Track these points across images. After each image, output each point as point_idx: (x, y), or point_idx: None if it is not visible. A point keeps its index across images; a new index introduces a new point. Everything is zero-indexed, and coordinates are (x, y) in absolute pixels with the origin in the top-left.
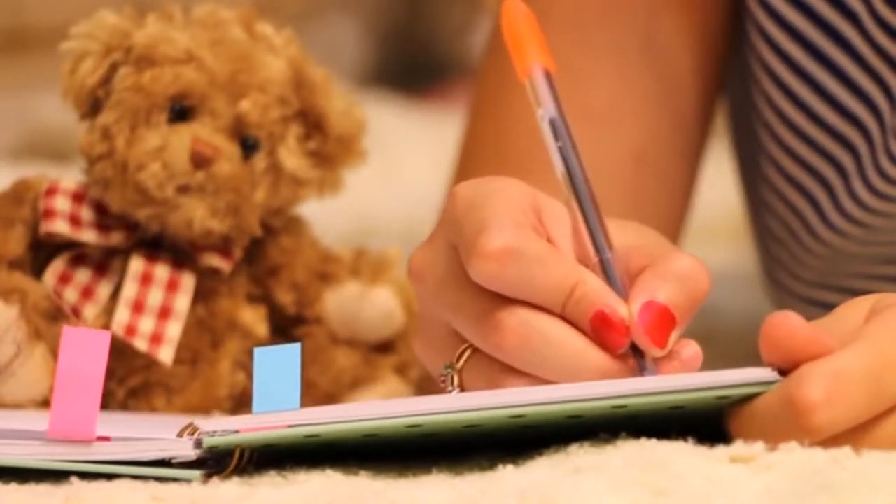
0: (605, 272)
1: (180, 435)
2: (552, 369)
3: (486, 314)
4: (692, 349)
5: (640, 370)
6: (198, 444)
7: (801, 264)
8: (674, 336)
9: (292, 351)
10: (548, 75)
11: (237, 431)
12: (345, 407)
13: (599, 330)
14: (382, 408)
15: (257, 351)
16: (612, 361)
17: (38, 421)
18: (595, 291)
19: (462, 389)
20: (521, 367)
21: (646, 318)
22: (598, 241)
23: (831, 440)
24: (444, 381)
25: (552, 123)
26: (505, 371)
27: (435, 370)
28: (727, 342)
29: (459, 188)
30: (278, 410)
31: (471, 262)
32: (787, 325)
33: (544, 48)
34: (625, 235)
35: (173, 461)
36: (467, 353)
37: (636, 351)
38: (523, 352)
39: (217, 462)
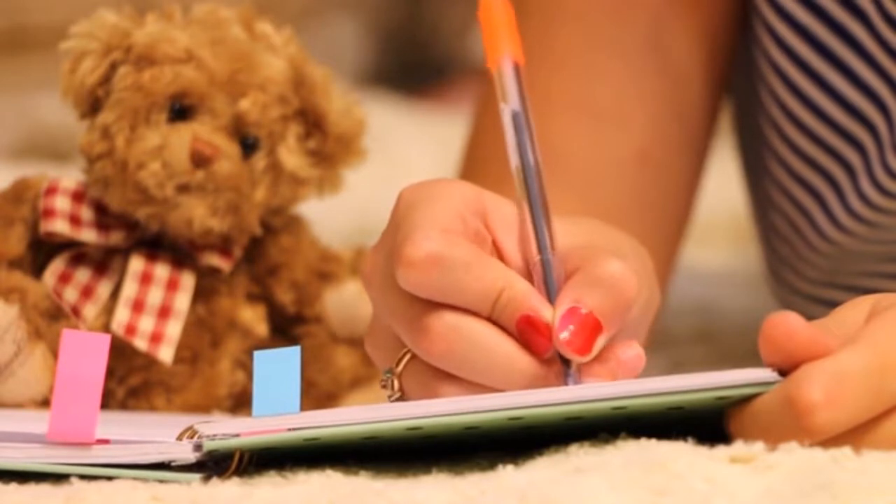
0: (545, 273)
1: (180, 438)
2: (480, 374)
3: (416, 319)
4: (633, 351)
5: (565, 376)
6: (197, 447)
7: (806, 262)
8: (600, 342)
9: (292, 354)
10: (517, 69)
11: (237, 435)
12: (345, 410)
13: (525, 334)
14: (382, 411)
15: (257, 354)
16: (540, 366)
17: (37, 422)
18: (522, 295)
19: (403, 394)
20: (452, 372)
21: (568, 325)
22: (542, 242)
23: (831, 440)
24: (385, 386)
25: (514, 118)
26: (438, 376)
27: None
28: (727, 342)
29: (404, 191)
30: (278, 414)
31: (397, 270)
32: (787, 325)
33: (517, 42)
34: (575, 234)
35: (173, 464)
36: (407, 357)
37: (562, 356)
38: (452, 357)
39: (217, 464)
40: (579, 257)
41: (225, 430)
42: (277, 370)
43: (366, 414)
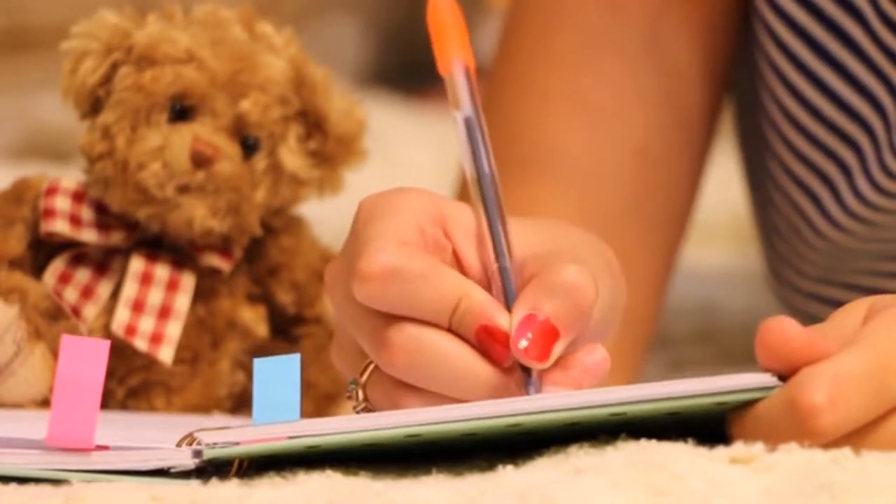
0: (503, 281)
1: (179, 445)
2: (442, 385)
3: (377, 332)
4: (597, 355)
5: (525, 384)
6: (197, 453)
7: (805, 260)
8: (558, 348)
9: (292, 361)
10: (467, 72)
11: (237, 443)
12: (345, 419)
13: (484, 343)
14: (382, 419)
15: (257, 361)
16: (501, 375)
17: (37, 424)
18: (479, 305)
19: (367, 404)
20: (414, 383)
21: (525, 332)
22: (499, 249)
23: (832, 442)
24: (349, 396)
25: (467, 123)
26: (401, 388)
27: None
28: (727, 342)
29: (363, 202)
30: (278, 421)
31: (353, 284)
32: (783, 329)
33: (467, 45)
34: (535, 238)
35: (172, 470)
36: (370, 367)
37: (522, 363)
38: (413, 369)
39: (216, 469)
40: (537, 264)
41: (225, 439)
42: (277, 377)
43: (366, 422)
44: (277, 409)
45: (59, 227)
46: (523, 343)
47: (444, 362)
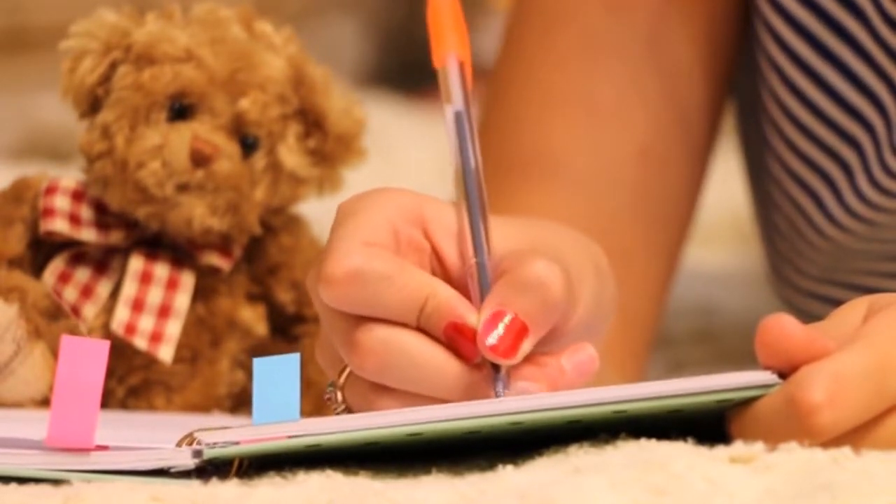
0: (479, 276)
1: (179, 445)
2: (413, 384)
3: (348, 334)
4: (584, 354)
5: (494, 380)
6: (197, 453)
7: (806, 260)
8: (526, 344)
9: (292, 361)
10: (462, 68)
11: (237, 443)
12: (345, 418)
13: (453, 341)
14: (382, 418)
15: (256, 361)
16: (470, 372)
17: (36, 425)
18: (447, 302)
19: (346, 406)
20: (385, 384)
21: (493, 329)
22: (478, 245)
23: (832, 440)
24: (329, 399)
25: (457, 118)
26: (374, 389)
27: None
28: (727, 342)
29: (343, 202)
30: (278, 421)
31: (319, 288)
32: (782, 327)
33: (464, 41)
34: (517, 236)
35: (171, 470)
36: (347, 370)
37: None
38: (383, 370)
39: (216, 469)
40: (512, 261)
41: (225, 438)
42: (277, 377)
43: (366, 421)
44: (277, 409)
45: (59, 226)
46: (491, 340)
47: (412, 361)
